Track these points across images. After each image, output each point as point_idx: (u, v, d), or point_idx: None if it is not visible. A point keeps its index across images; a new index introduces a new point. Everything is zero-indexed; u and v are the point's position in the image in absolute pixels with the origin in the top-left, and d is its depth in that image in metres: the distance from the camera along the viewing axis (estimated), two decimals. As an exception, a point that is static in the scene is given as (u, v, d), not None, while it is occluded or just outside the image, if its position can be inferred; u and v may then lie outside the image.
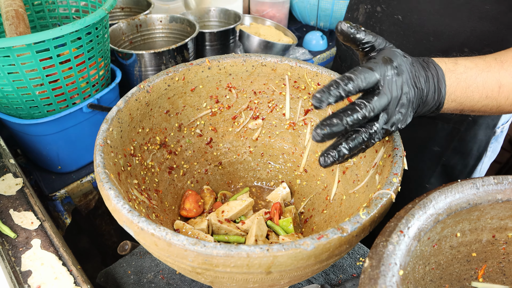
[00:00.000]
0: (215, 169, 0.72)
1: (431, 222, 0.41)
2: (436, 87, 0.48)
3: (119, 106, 0.53)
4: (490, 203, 0.44)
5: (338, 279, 0.65)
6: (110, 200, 0.41)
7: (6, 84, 0.69)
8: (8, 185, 0.71)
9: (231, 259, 0.37)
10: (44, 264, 0.59)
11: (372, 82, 0.43)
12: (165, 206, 0.61)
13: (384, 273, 0.34)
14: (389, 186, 0.43)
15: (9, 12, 0.76)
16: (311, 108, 0.65)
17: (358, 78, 0.42)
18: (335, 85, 0.41)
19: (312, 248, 0.37)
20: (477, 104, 0.52)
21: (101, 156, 0.46)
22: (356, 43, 0.47)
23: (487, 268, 0.49)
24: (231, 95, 0.66)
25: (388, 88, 0.43)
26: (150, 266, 0.66)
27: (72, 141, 0.85)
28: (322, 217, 0.62)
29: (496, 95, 0.51)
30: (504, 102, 0.52)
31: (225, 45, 1.21)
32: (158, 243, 0.38)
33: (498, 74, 0.50)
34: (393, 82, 0.44)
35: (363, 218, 0.40)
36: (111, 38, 1.05)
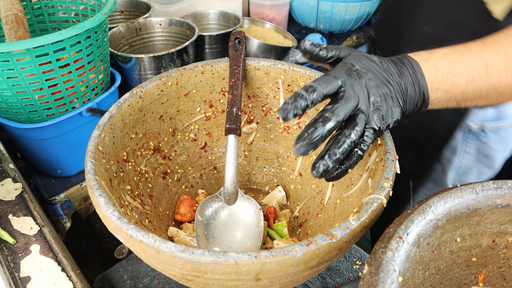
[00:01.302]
0: (210, 173, 0.72)
1: (431, 227, 0.40)
2: (414, 78, 0.48)
3: (111, 112, 0.53)
4: (490, 208, 0.43)
5: (335, 283, 0.65)
6: (100, 207, 0.41)
7: (5, 88, 0.70)
8: (8, 190, 0.72)
9: (219, 266, 0.37)
10: (43, 270, 0.59)
11: (335, 88, 0.45)
12: (159, 211, 0.62)
13: (383, 280, 0.34)
14: (380, 191, 0.43)
15: (8, 17, 0.77)
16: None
17: (319, 86, 0.44)
18: (300, 96, 0.43)
19: (301, 255, 0.37)
20: (468, 89, 0.50)
21: (92, 163, 0.46)
22: (321, 60, 0.51)
23: (487, 273, 0.48)
24: (225, 99, 0.66)
25: (351, 89, 0.45)
26: (146, 271, 0.66)
27: (72, 145, 0.85)
28: (317, 221, 0.62)
29: (485, 76, 0.50)
30: (498, 82, 0.50)
31: (225, 48, 1.21)
32: (147, 250, 0.38)
33: (481, 54, 0.50)
34: (354, 83, 0.45)
35: (353, 224, 0.40)
36: (110, 41, 1.06)
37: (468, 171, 0.93)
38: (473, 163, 0.91)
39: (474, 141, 0.86)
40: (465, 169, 0.93)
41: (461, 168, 0.92)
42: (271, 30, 1.38)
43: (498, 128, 0.85)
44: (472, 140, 0.86)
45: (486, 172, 0.93)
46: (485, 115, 0.83)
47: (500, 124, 0.84)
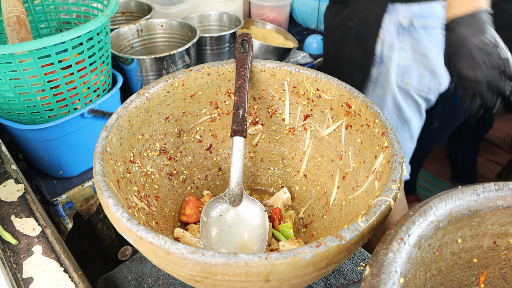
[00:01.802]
0: (215, 174, 0.72)
1: (432, 229, 0.41)
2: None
3: (119, 113, 0.53)
4: (491, 209, 0.44)
5: (339, 284, 0.65)
6: (109, 208, 0.41)
7: (7, 90, 0.70)
8: (10, 191, 0.71)
9: (229, 267, 0.37)
10: (46, 271, 0.59)
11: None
12: (165, 213, 0.62)
13: (385, 281, 0.34)
14: (388, 193, 0.43)
15: (11, 18, 0.77)
16: (311, 113, 0.65)
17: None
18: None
19: (310, 256, 0.37)
20: None
21: (101, 164, 0.46)
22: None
23: (489, 274, 0.48)
24: (230, 100, 0.67)
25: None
26: (151, 272, 0.66)
27: (74, 146, 0.85)
28: (322, 223, 0.62)
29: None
30: None
31: (226, 49, 1.21)
32: (157, 252, 0.38)
33: None
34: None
35: (362, 225, 0.40)
36: (112, 43, 1.06)
37: (408, 71, 1.01)
38: (411, 62, 1.00)
39: (407, 37, 0.96)
40: (405, 68, 1.01)
41: (401, 67, 1.01)
42: (272, 31, 1.38)
43: (426, 25, 0.94)
44: (405, 36, 0.96)
45: (427, 75, 1.02)
46: (411, 10, 0.92)
47: (427, 22, 0.93)
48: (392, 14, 0.96)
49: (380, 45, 1.01)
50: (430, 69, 1.02)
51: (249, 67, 0.62)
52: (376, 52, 1.02)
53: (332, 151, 0.63)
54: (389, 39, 0.99)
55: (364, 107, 0.55)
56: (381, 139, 0.51)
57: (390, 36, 0.98)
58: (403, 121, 1.11)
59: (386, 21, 0.97)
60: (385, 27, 0.98)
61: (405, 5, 0.94)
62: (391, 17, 0.96)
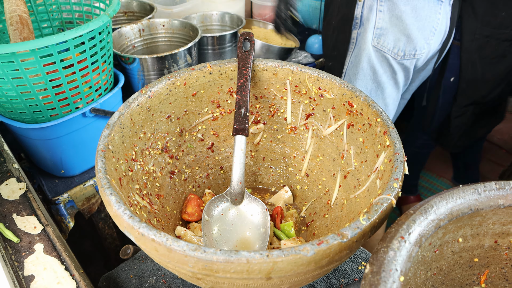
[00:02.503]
0: (217, 173, 0.72)
1: (433, 227, 0.40)
2: None
3: (121, 112, 0.53)
4: (492, 208, 0.43)
5: (340, 284, 0.65)
6: (111, 205, 0.42)
7: (10, 89, 0.70)
8: (12, 190, 0.72)
9: (231, 265, 0.37)
10: (47, 269, 0.59)
11: None
12: (167, 211, 0.62)
13: (385, 279, 0.34)
14: (390, 191, 0.43)
15: (13, 18, 0.77)
16: (312, 112, 0.65)
17: None
18: None
19: (312, 254, 0.37)
20: None
21: (103, 162, 0.46)
22: None
23: (490, 273, 0.48)
24: (232, 99, 0.67)
25: None
26: (152, 270, 0.66)
27: (75, 145, 0.85)
28: (324, 222, 0.62)
29: None
30: None
31: (228, 49, 1.21)
32: (159, 249, 0.38)
33: None
34: None
35: (363, 223, 0.40)
36: (114, 42, 1.06)
37: (384, 33, 1.07)
38: (387, 25, 1.06)
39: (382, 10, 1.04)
40: (381, 29, 1.07)
41: (377, 28, 1.07)
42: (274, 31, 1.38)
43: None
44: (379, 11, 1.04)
45: (402, 40, 1.07)
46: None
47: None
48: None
49: (361, 7, 1.07)
50: (406, 33, 1.06)
51: (251, 66, 0.62)
52: (357, 15, 1.09)
53: (334, 150, 0.63)
54: (369, 1, 1.05)
55: (366, 106, 0.55)
56: (382, 138, 0.51)
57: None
58: (377, 85, 1.16)
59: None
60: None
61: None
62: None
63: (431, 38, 1.08)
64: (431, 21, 1.05)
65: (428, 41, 1.08)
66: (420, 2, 1.02)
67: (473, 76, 1.21)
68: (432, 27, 1.06)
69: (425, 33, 1.07)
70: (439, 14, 1.05)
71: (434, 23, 1.06)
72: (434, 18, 1.05)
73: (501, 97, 1.30)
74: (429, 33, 1.07)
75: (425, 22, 1.05)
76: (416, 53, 1.10)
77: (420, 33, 1.06)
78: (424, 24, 1.05)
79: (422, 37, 1.07)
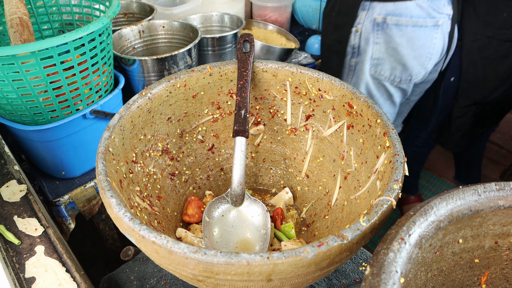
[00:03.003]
0: (217, 175, 0.72)
1: (433, 229, 0.40)
2: None
3: (121, 114, 0.53)
4: (492, 209, 0.43)
5: (341, 285, 0.65)
6: (112, 208, 0.42)
7: (10, 91, 0.70)
8: (13, 192, 0.72)
9: (231, 267, 0.37)
10: (48, 271, 0.59)
11: None
12: (167, 213, 0.62)
13: (385, 281, 0.34)
14: (390, 192, 0.43)
15: (13, 20, 0.77)
16: (312, 113, 0.65)
17: None
18: None
19: (312, 256, 0.37)
20: None
21: (103, 164, 0.46)
22: None
23: (490, 274, 0.48)
24: (232, 101, 0.67)
25: None
26: (153, 272, 0.66)
27: (76, 147, 0.85)
28: (324, 223, 0.62)
29: None
30: None
31: (228, 50, 1.21)
32: (159, 251, 0.39)
33: None
34: None
35: (364, 225, 0.40)
36: (114, 44, 1.06)
37: (381, 63, 1.11)
38: (384, 55, 1.10)
39: (381, 32, 1.06)
40: (378, 60, 1.11)
41: (374, 59, 1.11)
42: (274, 32, 1.39)
43: (399, 23, 1.02)
44: (379, 31, 1.06)
45: (398, 68, 1.11)
46: (386, 8, 1.02)
47: (399, 19, 1.02)
48: (369, 11, 1.04)
49: (358, 38, 1.10)
50: (402, 63, 1.10)
51: (251, 68, 0.62)
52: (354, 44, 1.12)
53: (334, 151, 0.63)
54: (365, 33, 1.08)
55: (366, 107, 0.55)
56: (383, 139, 0.51)
57: (366, 30, 1.07)
58: None
59: (363, 17, 1.06)
60: (362, 22, 1.07)
61: (381, 3, 1.02)
62: (367, 14, 1.05)
63: (428, 62, 1.12)
64: (427, 48, 1.08)
65: (424, 66, 1.12)
66: (415, 33, 1.04)
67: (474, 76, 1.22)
68: (428, 53, 1.09)
69: (421, 59, 1.10)
70: (436, 39, 1.07)
71: (430, 49, 1.08)
72: (430, 44, 1.08)
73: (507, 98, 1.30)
74: (425, 59, 1.10)
75: (421, 50, 1.08)
76: (412, 78, 1.14)
77: (416, 61, 1.10)
78: (420, 52, 1.08)
79: (418, 63, 1.10)
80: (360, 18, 1.07)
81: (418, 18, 1.01)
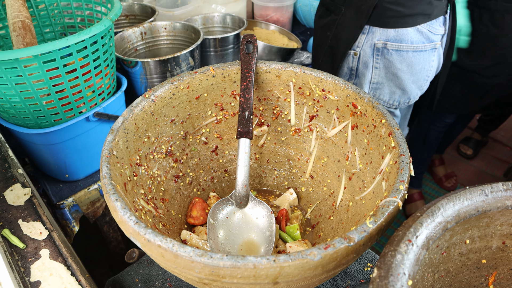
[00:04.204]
0: (221, 176, 0.72)
1: (440, 230, 0.40)
2: None
3: (125, 116, 0.53)
4: (500, 209, 0.43)
5: (346, 285, 0.65)
6: (116, 211, 0.41)
7: (13, 94, 0.70)
8: (17, 195, 0.72)
9: (237, 270, 0.37)
10: (53, 275, 0.59)
11: None
12: (172, 215, 0.62)
13: (393, 283, 0.34)
14: (396, 193, 0.43)
15: (16, 24, 0.77)
16: (316, 114, 0.65)
17: None
18: None
19: (319, 258, 0.37)
20: None
21: (107, 167, 0.46)
22: None
23: (498, 275, 0.48)
24: (236, 102, 0.66)
25: None
26: (158, 274, 0.66)
27: (79, 149, 0.85)
28: (329, 224, 0.62)
29: None
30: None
31: (230, 51, 1.21)
32: (165, 255, 0.38)
33: None
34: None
35: (370, 227, 0.40)
36: (116, 46, 1.06)
37: (380, 87, 1.11)
38: (383, 80, 1.09)
39: (381, 57, 1.05)
40: (377, 84, 1.10)
41: (374, 83, 1.10)
42: (276, 32, 1.38)
43: (399, 49, 1.02)
44: (379, 56, 1.05)
45: (397, 92, 1.11)
46: (387, 34, 1.01)
47: (400, 45, 1.02)
48: (369, 35, 1.03)
49: (356, 61, 1.09)
50: (401, 87, 1.10)
51: (254, 69, 0.62)
52: (352, 67, 1.11)
53: (339, 152, 0.63)
54: (364, 58, 1.07)
55: (370, 107, 0.55)
56: (388, 140, 0.51)
57: (366, 55, 1.06)
58: None
59: (363, 41, 1.05)
60: (361, 46, 1.06)
61: (382, 29, 1.01)
62: (367, 38, 1.04)
63: (425, 84, 1.12)
64: (425, 72, 1.08)
65: (422, 88, 1.13)
66: (415, 58, 1.04)
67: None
68: (426, 76, 1.10)
69: (419, 83, 1.10)
70: (433, 61, 1.08)
71: (427, 71, 1.09)
72: (428, 67, 1.08)
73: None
74: (423, 82, 1.11)
75: (419, 75, 1.08)
76: (410, 101, 1.15)
77: (415, 84, 1.10)
78: (419, 77, 1.09)
79: (416, 87, 1.11)
80: (359, 42, 1.06)
81: (418, 44, 1.02)
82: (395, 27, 1.00)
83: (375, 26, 1.02)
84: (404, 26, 0.99)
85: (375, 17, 1.00)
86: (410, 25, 0.99)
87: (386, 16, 0.99)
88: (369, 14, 1.00)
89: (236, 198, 0.62)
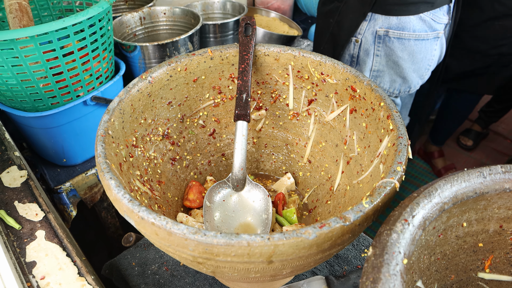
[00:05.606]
0: (218, 160, 0.72)
1: (437, 211, 0.40)
2: None
3: (121, 97, 0.52)
4: (498, 192, 0.43)
5: (343, 271, 0.65)
6: (111, 190, 0.41)
7: (10, 77, 0.70)
8: (13, 177, 0.71)
9: (231, 248, 0.36)
10: (49, 255, 0.59)
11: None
12: (168, 197, 0.61)
13: (388, 261, 0.34)
14: (393, 175, 0.43)
15: (12, 5, 0.76)
16: (315, 98, 0.64)
17: None
18: None
19: (314, 237, 0.37)
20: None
21: (102, 147, 0.45)
22: None
23: (494, 258, 0.48)
24: (233, 85, 0.66)
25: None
26: (154, 258, 0.66)
27: (77, 133, 0.85)
28: (326, 208, 0.62)
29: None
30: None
31: (230, 37, 1.20)
32: (159, 233, 0.38)
33: None
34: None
35: (366, 207, 0.39)
36: (115, 30, 1.05)
37: (381, 75, 1.10)
38: (384, 68, 1.09)
39: (382, 45, 1.05)
40: (378, 72, 1.10)
41: (374, 70, 1.10)
42: (276, 19, 1.37)
43: (401, 36, 1.01)
44: (380, 44, 1.05)
45: (398, 81, 1.11)
46: (389, 22, 1.00)
47: (402, 33, 1.01)
48: (371, 22, 1.03)
49: (357, 49, 1.09)
50: (402, 76, 1.09)
51: (253, 51, 0.61)
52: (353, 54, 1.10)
53: (337, 136, 0.62)
54: (365, 45, 1.06)
55: (369, 90, 0.54)
56: (386, 122, 0.50)
57: (367, 42, 1.06)
58: None
59: (364, 28, 1.04)
60: (362, 33, 1.05)
61: (384, 16, 1.00)
62: (369, 25, 1.03)
63: (426, 73, 1.12)
64: (426, 61, 1.07)
65: (423, 77, 1.13)
66: (417, 46, 1.03)
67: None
68: (427, 65, 1.09)
69: (421, 71, 1.10)
70: (435, 50, 1.07)
71: (429, 60, 1.08)
72: (429, 57, 1.07)
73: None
74: (424, 71, 1.11)
75: (421, 64, 1.07)
76: (410, 89, 1.14)
77: (416, 73, 1.09)
78: (420, 65, 1.08)
79: (417, 76, 1.10)
80: (360, 29, 1.05)
81: (420, 32, 1.01)
82: (397, 14, 0.99)
83: (378, 13, 1.01)
84: (407, 14, 0.98)
85: (378, 4, 0.99)
86: (413, 13, 0.98)
87: (389, 3, 0.98)
88: (373, 1, 0.98)
89: (233, 181, 0.61)
